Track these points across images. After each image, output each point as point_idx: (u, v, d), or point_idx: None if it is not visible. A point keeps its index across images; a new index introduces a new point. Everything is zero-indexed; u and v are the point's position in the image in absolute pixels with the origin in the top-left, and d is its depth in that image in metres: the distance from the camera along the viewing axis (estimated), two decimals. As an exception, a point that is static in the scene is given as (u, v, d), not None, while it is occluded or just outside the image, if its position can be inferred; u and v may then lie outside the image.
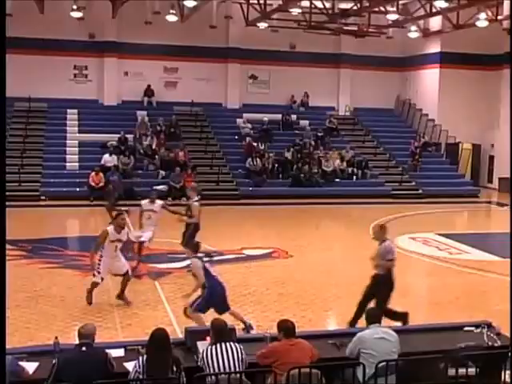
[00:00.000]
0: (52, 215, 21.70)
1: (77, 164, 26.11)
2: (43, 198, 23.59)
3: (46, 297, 11.80)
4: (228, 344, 6.60)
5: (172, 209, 14.85)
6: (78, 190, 24.34)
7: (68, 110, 28.76)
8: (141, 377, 6.19)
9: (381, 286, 9.71)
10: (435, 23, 29.80)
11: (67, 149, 26.91)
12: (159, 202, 14.35)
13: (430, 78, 31.51)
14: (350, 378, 6.73)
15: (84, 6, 27.43)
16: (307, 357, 6.64)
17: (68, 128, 28.12)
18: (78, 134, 27.75)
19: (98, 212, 22.06)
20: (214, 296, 9.47)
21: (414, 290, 13.38)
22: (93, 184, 24.12)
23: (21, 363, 6.52)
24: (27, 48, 27.72)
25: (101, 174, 24.29)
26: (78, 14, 27.28)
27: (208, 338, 6.91)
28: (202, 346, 6.91)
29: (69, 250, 14.16)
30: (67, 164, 26.10)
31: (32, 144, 26.76)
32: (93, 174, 24.22)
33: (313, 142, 28.87)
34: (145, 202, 14.29)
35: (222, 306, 9.56)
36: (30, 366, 6.62)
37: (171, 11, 27.11)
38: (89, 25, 28.60)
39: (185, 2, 25.44)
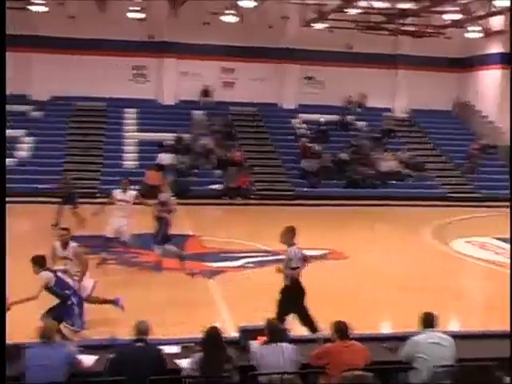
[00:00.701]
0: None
1: (135, 162, 26.56)
2: (100, 195, 24.02)
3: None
4: (281, 344, 6.64)
5: (145, 200, 14.54)
6: (135, 187, 24.70)
7: (127, 110, 29.29)
8: (195, 374, 6.28)
9: (287, 299, 9.25)
10: (496, 23, 29.19)
11: (125, 147, 27.41)
12: (132, 192, 14.23)
13: (490, 79, 30.88)
14: (403, 383, 6.69)
15: (144, 7, 27.84)
16: (361, 359, 6.62)
17: (126, 127, 28.66)
18: (136, 133, 28.24)
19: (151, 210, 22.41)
20: None
21: (468, 293, 13.18)
22: (149, 182, 24.43)
23: (80, 356, 6.70)
24: (89, 49, 28.36)
25: (157, 173, 24.60)
26: (137, 15, 27.75)
27: (261, 338, 6.96)
28: (254, 345, 6.98)
29: (124, 247, 14.38)
30: (125, 162, 26.57)
31: (92, 142, 27.33)
32: (149, 172, 24.57)
33: (369, 144, 28.67)
34: (117, 192, 14.08)
35: None
36: (89, 359, 6.80)
37: (229, 12, 27.29)
38: (148, 25, 29.02)
39: (242, 3, 25.57)
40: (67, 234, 10.01)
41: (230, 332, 9.16)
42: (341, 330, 6.75)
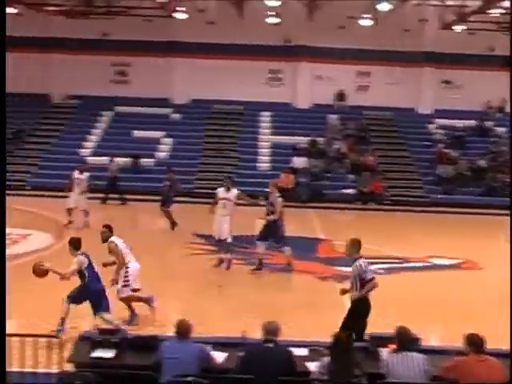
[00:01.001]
0: (240, 213, 22.52)
1: (268, 165, 26.94)
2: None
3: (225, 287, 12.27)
4: (411, 353, 6.51)
5: (248, 199, 14.77)
6: (267, 190, 24.99)
7: (262, 113, 29.79)
8: (324, 378, 6.29)
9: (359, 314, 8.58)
10: None
11: (259, 150, 27.87)
12: (235, 191, 14.22)
13: None
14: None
15: (280, 12, 28.19)
16: (497, 376, 6.32)
17: (261, 130, 29.13)
18: (270, 136, 28.65)
19: (285, 212, 22.60)
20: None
21: None
22: (282, 185, 24.72)
23: (211, 352, 6.89)
24: (227, 53, 29.13)
25: (290, 176, 24.86)
26: (274, 20, 28.14)
27: (391, 346, 6.86)
28: (384, 352, 6.88)
29: (255, 249, 14.59)
30: (259, 164, 27.01)
31: (227, 144, 28.01)
32: (283, 175, 24.85)
33: (509, 150, 27.43)
34: (220, 190, 14.19)
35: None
36: (220, 356, 6.98)
37: (365, 15, 27.06)
38: (284, 30, 29.35)
39: (379, 6, 25.26)
40: (105, 232, 10.38)
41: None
42: (475, 343, 6.49)
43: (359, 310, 8.61)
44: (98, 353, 6.90)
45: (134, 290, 10.35)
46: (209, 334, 8.87)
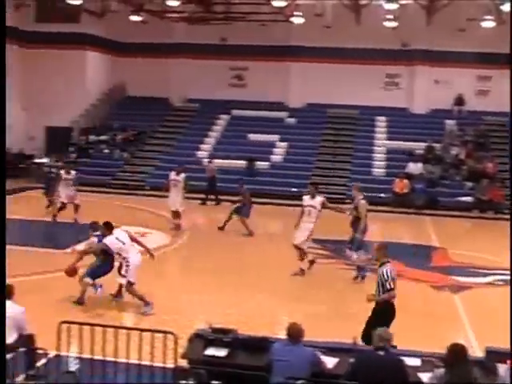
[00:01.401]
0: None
1: (383, 170, 26.61)
2: (348, 201, 24.41)
3: (344, 297, 12.23)
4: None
5: (332, 206, 14.35)
6: (382, 195, 24.70)
7: (377, 118, 29.48)
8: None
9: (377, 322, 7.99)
10: None
11: (374, 155, 27.57)
12: (319, 198, 13.89)
13: None
14: None
15: (398, 16, 27.77)
16: None
17: (376, 135, 28.82)
18: (385, 141, 28.29)
19: (400, 218, 22.33)
20: None
21: None
22: (397, 190, 24.40)
23: (321, 357, 6.92)
24: (343, 57, 29.10)
25: (405, 181, 24.45)
26: (391, 24, 27.76)
27: (510, 362, 6.63)
28: (501, 368, 6.66)
29: (368, 255, 14.45)
30: (373, 170, 26.72)
31: (342, 149, 27.92)
32: (397, 180, 24.48)
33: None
34: (306, 198, 13.98)
35: None
36: (330, 361, 6.99)
37: (487, 17, 26.18)
38: (401, 33, 28.88)
39: (503, 7, 24.40)
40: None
41: (475, 351, 8.83)
42: None
43: (378, 317, 8.47)
44: (211, 351, 7.10)
45: (130, 283, 10.86)
46: (319, 338, 8.91)
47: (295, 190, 23.49)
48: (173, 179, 18.51)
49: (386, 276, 8.50)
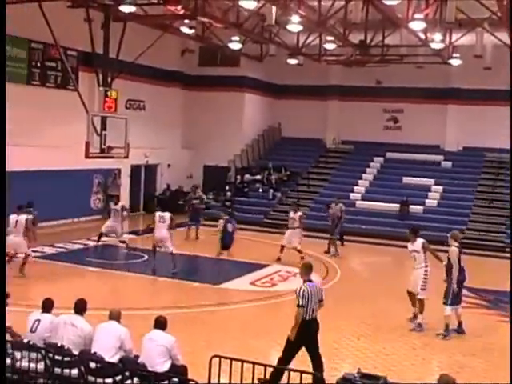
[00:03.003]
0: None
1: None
2: (508, 249, 23.31)
3: (498, 350, 11.64)
4: None
5: (431, 249, 13.13)
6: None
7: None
8: None
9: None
10: None
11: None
12: (420, 241, 12.96)
13: None
14: None
15: None
16: None
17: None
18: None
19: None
20: None
21: None
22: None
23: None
24: (501, 99, 27.98)
25: None
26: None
27: None
28: None
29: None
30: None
31: (500, 195, 26.76)
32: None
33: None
34: (408, 244, 13.13)
35: None
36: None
37: None
38: None
39: None
40: None
41: None
42: None
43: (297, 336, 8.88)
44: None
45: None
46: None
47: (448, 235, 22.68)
48: (291, 217, 19.77)
49: (297, 293, 8.95)
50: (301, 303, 8.85)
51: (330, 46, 24.93)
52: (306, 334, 8.94)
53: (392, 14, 19.91)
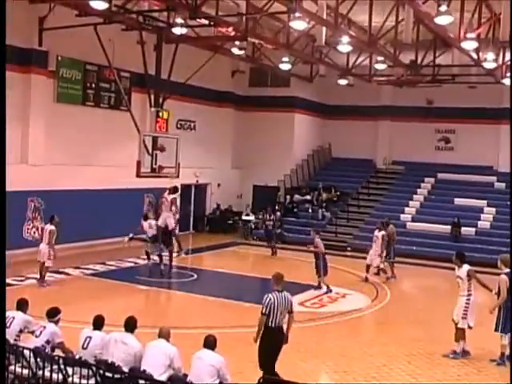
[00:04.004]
0: None
1: None
2: None
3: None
4: None
5: (477, 277, 12.38)
6: None
7: None
8: None
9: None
10: None
11: None
12: (466, 268, 12.29)
13: None
14: None
15: None
16: None
17: None
18: None
19: None
20: None
21: None
22: None
23: None
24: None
25: None
26: None
27: None
28: None
29: None
30: None
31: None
32: None
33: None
34: (456, 268, 12.48)
35: None
36: None
37: None
38: None
39: None
40: None
41: None
42: None
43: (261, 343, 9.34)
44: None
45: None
46: None
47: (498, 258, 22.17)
48: (376, 236, 20.05)
49: (263, 301, 9.30)
50: (264, 311, 9.29)
51: (380, 66, 24.83)
52: (272, 340, 9.36)
53: (443, 34, 19.75)
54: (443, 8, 16.23)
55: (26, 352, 8.18)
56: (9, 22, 18.95)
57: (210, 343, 8.19)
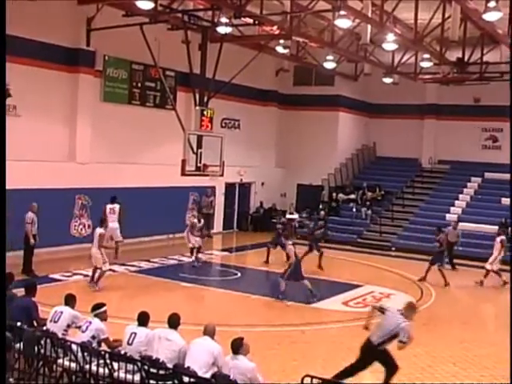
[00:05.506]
0: None
1: None
2: None
3: None
4: None
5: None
6: None
7: None
8: None
9: None
10: None
11: None
12: None
13: None
14: None
15: None
16: None
17: None
18: None
19: None
20: None
21: None
22: None
23: None
24: None
25: None
26: None
27: None
28: None
29: None
30: None
31: None
32: None
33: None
34: None
35: None
36: None
37: None
38: None
39: None
40: None
41: None
42: None
43: None
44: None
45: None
46: None
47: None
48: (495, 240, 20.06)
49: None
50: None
51: (426, 64, 24.53)
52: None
53: (492, 30, 19.43)
54: (492, 4, 15.96)
55: (74, 346, 8.35)
56: (58, 23, 19.35)
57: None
